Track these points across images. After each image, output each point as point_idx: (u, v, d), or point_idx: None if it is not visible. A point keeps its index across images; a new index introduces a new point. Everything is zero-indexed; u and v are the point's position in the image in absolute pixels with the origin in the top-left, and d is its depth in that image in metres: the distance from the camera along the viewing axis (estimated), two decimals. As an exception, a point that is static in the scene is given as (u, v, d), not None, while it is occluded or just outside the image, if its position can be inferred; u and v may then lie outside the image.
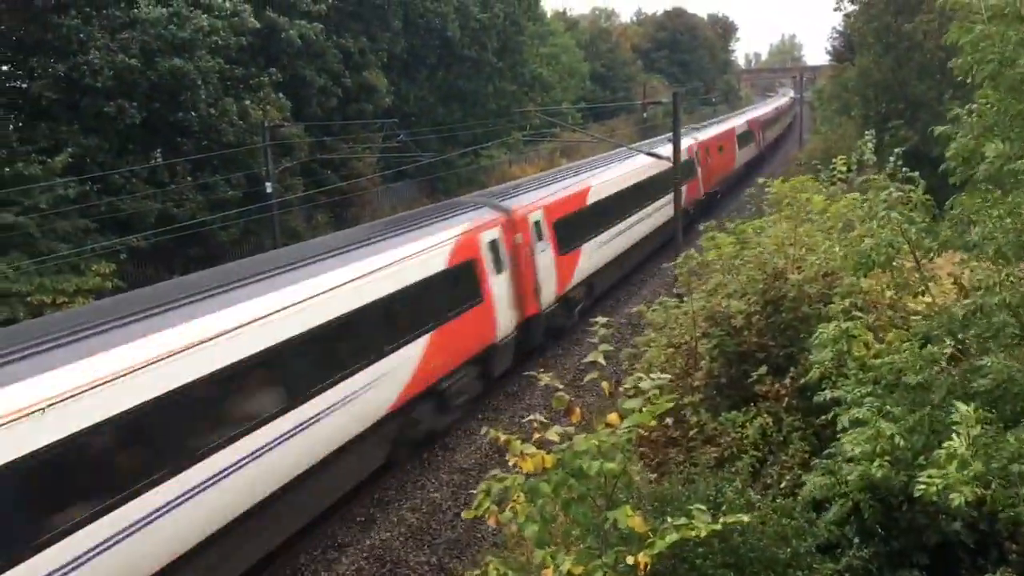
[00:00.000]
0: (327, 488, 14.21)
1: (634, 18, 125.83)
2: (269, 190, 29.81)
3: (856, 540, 6.91)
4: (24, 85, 26.95)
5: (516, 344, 20.67)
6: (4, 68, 27.78)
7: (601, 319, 6.93)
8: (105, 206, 26.60)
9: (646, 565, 5.28)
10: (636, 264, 31.54)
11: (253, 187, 31.36)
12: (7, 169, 24.17)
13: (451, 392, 17.76)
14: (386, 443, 15.84)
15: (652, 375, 6.09)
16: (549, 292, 22.27)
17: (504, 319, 19.64)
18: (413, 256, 16.33)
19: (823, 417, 8.05)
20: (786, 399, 9.37)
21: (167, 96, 28.68)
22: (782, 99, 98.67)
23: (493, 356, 19.42)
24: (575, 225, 24.21)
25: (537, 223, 21.84)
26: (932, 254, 7.76)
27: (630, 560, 5.32)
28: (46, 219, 24.50)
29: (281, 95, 34.33)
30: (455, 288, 17.60)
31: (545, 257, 21.96)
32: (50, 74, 26.42)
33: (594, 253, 25.79)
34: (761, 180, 16.07)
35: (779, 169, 53.64)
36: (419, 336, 16.06)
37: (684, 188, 32.28)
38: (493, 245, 19.36)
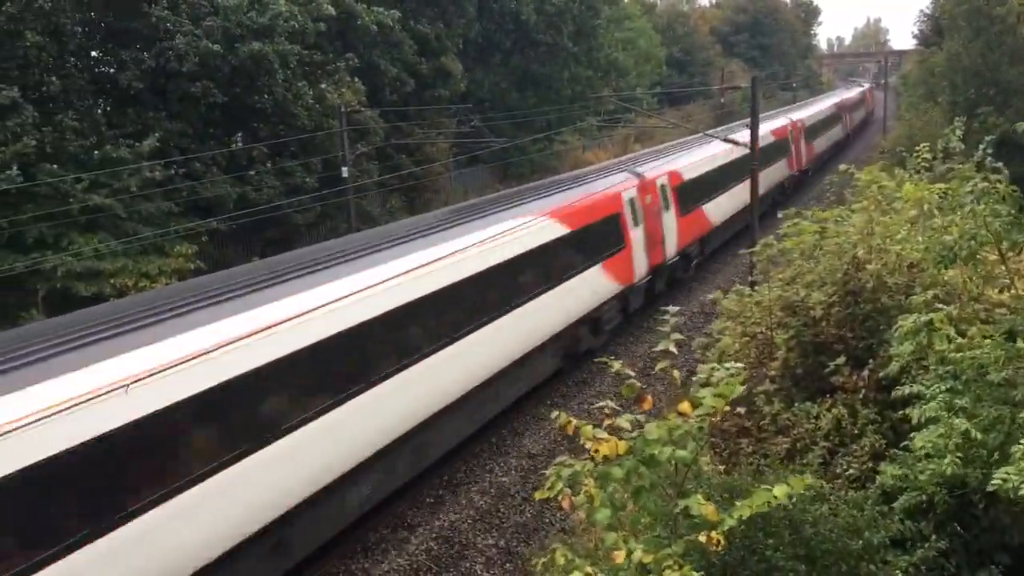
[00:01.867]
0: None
1: (713, 1, 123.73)
2: (345, 174, 30.24)
3: (933, 536, 6.76)
4: (112, 70, 27.84)
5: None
6: (93, 54, 28.74)
7: (672, 308, 6.86)
8: (187, 190, 27.37)
9: (718, 542, 5.28)
10: None
11: (329, 171, 31.87)
12: (96, 152, 25.06)
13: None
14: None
15: (725, 364, 6.03)
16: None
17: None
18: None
19: (900, 412, 7.89)
20: (863, 391, 9.18)
21: (247, 80, 29.32)
22: (848, 92, 78.80)
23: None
24: None
25: None
26: (1020, 250, 7.52)
27: (702, 538, 5.31)
28: (133, 201, 25.36)
29: (357, 79, 34.77)
30: None
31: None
32: (138, 64, 27.20)
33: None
34: (843, 167, 15.73)
35: (862, 155, 52.37)
36: None
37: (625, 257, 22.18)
38: None
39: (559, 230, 19.07)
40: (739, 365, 6.08)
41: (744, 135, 26.21)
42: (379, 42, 37.41)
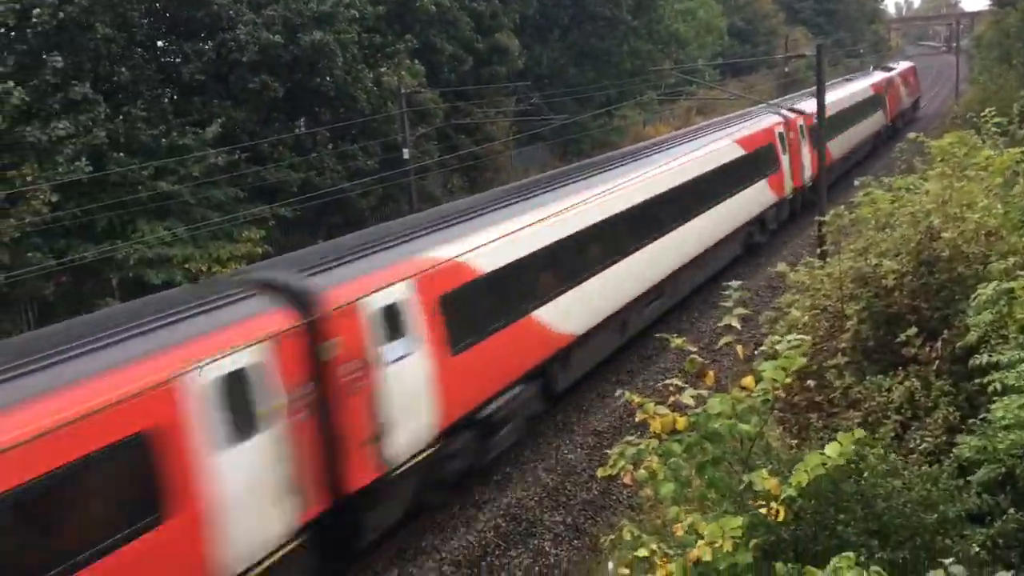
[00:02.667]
0: None
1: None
2: (406, 156, 30.40)
3: (1011, 510, 6.53)
4: (177, 60, 28.37)
5: None
6: (159, 44, 29.32)
7: (735, 282, 6.76)
8: (252, 175, 27.82)
9: (777, 512, 5.19)
10: None
11: (390, 153, 32.07)
12: (164, 140, 25.60)
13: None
14: None
15: (788, 337, 5.90)
16: None
17: None
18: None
19: (977, 382, 7.64)
20: (937, 363, 8.91)
21: (307, 66, 29.61)
22: (847, 86, 42.43)
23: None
24: None
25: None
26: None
27: (763, 511, 5.24)
28: (200, 187, 25.86)
29: (416, 61, 34.83)
30: None
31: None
32: (200, 56, 27.67)
33: None
34: (913, 135, 15.28)
35: (933, 122, 50.81)
36: None
37: None
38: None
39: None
40: (802, 337, 5.94)
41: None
42: (436, 21, 37.39)
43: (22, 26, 23.40)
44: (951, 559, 5.01)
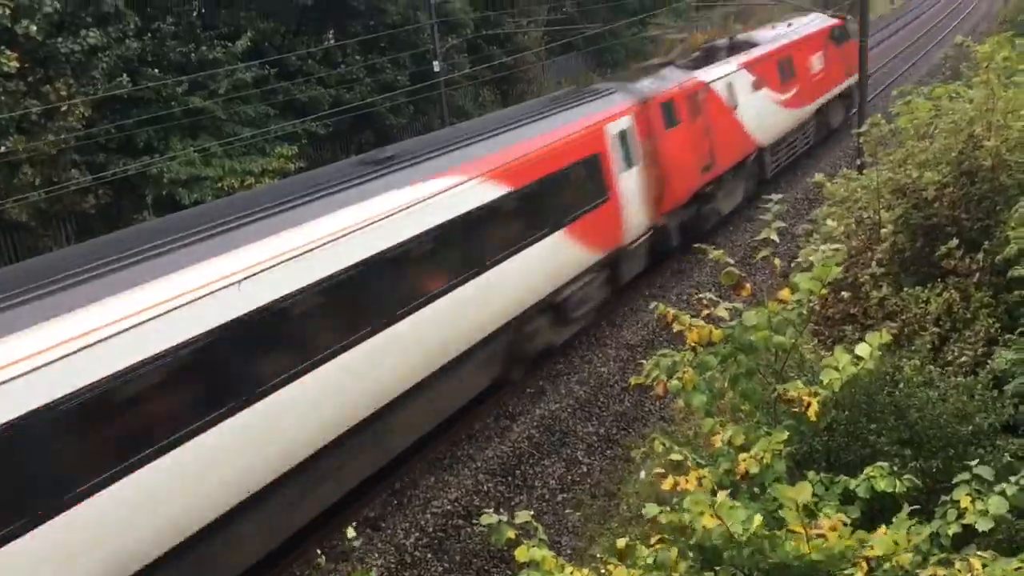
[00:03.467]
0: None
1: None
2: (437, 68, 29.95)
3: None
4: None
5: None
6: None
7: (775, 196, 6.66)
8: (283, 91, 27.61)
9: (809, 404, 5.23)
10: None
11: (419, 66, 31.63)
12: (193, 56, 25.42)
13: None
14: None
15: (823, 247, 5.84)
16: None
17: None
18: None
19: (1017, 294, 7.54)
20: (977, 274, 8.78)
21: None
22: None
23: None
24: None
25: None
26: None
27: (796, 410, 5.27)
28: (231, 103, 25.75)
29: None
30: None
31: None
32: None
33: None
34: (959, 39, 14.79)
35: (981, 26, 49.02)
36: None
37: None
38: None
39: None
40: (837, 246, 5.87)
41: None
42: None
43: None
44: (977, 461, 5.03)
